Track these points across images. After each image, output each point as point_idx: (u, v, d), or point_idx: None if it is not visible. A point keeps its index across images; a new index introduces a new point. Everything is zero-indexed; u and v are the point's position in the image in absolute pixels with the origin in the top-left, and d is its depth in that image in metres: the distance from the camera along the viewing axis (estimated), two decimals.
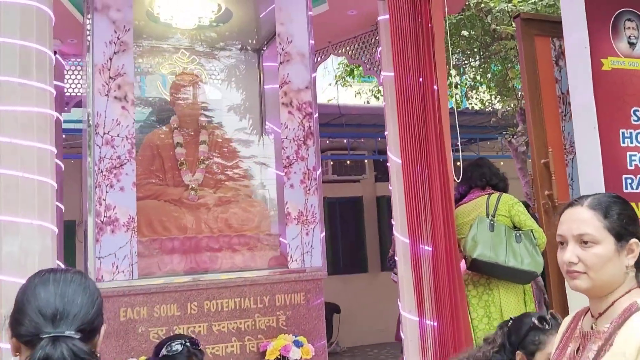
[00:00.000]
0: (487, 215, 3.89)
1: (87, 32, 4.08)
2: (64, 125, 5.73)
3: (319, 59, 5.73)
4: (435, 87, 3.74)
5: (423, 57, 3.75)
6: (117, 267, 4.00)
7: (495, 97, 7.53)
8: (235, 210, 4.68)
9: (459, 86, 8.09)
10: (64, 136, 5.86)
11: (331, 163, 9.45)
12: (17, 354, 1.36)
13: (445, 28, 4.04)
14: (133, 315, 3.97)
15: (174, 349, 2.50)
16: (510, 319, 2.40)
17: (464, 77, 8.13)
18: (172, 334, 3.99)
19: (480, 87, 7.97)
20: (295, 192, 4.48)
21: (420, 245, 3.76)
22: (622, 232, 1.43)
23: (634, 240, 1.44)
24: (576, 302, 3.29)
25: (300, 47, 4.62)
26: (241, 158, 4.96)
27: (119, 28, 4.14)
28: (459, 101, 8.19)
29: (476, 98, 8.04)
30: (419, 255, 3.77)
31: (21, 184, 2.93)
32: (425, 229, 3.73)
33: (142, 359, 3.86)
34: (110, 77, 4.08)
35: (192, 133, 4.88)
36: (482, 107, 7.52)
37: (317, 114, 4.62)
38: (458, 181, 4.04)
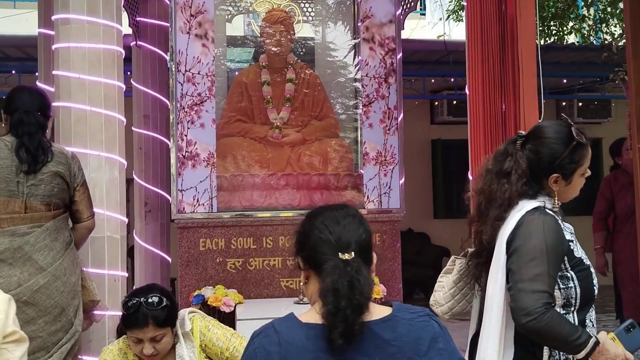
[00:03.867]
0: None
1: None
2: None
3: None
4: (514, 15, 3.40)
5: None
6: (197, 200, 4.20)
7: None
8: (317, 149, 4.66)
9: (586, 19, 7.31)
10: None
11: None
12: None
13: None
14: (212, 246, 4.17)
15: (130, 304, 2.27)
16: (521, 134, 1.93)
17: (594, 8, 7.32)
18: (247, 266, 4.17)
19: (611, 20, 7.14)
20: (374, 131, 4.37)
21: None
22: None
23: None
24: None
25: None
26: (329, 98, 4.89)
27: None
28: (586, 35, 7.40)
29: (606, 32, 7.22)
30: None
31: (89, 117, 3.12)
32: None
33: (219, 287, 4.06)
34: (191, 15, 4.18)
35: (280, 71, 4.89)
36: (612, 42, 6.74)
37: (400, 52, 4.41)
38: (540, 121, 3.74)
